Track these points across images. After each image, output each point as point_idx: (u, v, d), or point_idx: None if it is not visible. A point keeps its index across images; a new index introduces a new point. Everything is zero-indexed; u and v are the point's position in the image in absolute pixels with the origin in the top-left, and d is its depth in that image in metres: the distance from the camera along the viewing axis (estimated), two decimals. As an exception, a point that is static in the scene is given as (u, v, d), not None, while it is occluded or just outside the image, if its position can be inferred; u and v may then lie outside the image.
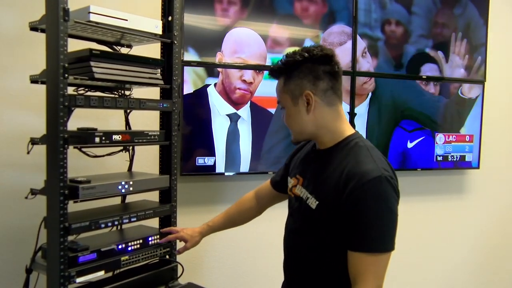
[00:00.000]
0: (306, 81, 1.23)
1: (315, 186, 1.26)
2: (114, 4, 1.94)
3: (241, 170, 2.23)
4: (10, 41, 1.81)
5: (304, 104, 1.24)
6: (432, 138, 2.70)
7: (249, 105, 2.24)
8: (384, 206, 1.14)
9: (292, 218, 1.39)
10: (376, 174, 1.14)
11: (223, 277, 2.35)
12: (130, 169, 1.78)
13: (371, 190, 1.13)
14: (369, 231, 1.14)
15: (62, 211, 1.32)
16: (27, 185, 1.48)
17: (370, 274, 1.14)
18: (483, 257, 3.08)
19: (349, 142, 1.25)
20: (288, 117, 1.29)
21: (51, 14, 1.32)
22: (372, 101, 2.53)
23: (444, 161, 2.75)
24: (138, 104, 1.54)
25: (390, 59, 2.57)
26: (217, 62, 2.17)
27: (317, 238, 1.25)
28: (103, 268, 1.44)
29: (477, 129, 2.82)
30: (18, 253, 1.64)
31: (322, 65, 1.23)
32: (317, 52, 1.23)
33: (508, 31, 2.99)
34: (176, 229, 1.63)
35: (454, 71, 2.74)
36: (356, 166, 1.17)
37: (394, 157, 2.60)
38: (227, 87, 2.19)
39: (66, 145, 1.32)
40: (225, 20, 2.18)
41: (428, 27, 2.65)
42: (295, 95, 1.24)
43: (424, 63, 2.66)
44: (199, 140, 2.16)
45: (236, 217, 1.65)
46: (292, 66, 1.24)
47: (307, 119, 1.25)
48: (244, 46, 2.23)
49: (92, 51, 1.39)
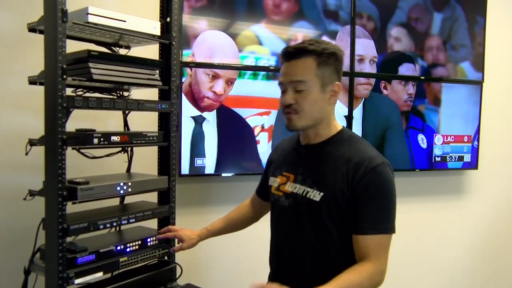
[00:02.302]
0: (337, 73, 1.30)
1: (315, 179, 1.29)
2: (112, 5, 1.94)
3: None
4: (8, 42, 1.80)
5: (330, 93, 1.29)
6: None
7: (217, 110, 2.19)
8: (391, 189, 1.24)
9: (284, 217, 1.38)
10: (381, 160, 1.25)
11: (222, 278, 2.35)
12: (128, 170, 1.78)
13: (380, 175, 1.23)
14: (380, 213, 1.22)
15: (61, 212, 1.32)
16: (26, 186, 1.48)
17: (381, 254, 1.21)
18: (482, 257, 3.08)
19: (344, 135, 1.33)
20: (309, 101, 1.26)
21: (49, 15, 1.32)
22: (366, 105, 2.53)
23: (443, 162, 2.75)
24: (137, 105, 1.54)
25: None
26: (216, 63, 2.17)
27: (321, 229, 1.27)
28: (101, 269, 1.43)
29: (475, 130, 2.83)
30: (16, 255, 1.64)
31: (341, 63, 1.32)
32: (340, 50, 1.31)
33: (506, 32, 3.00)
34: (175, 228, 1.64)
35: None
36: (361, 154, 1.26)
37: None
38: (195, 93, 2.14)
39: (64, 146, 1.32)
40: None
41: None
42: (326, 82, 1.28)
43: (401, 63, 2.63)
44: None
45: (236, 222, 1.66)
46: (329, 54, 1.27)
47: (324, 108, 1.30)
48: (217, 50, 2.18)
49: (90, 52, 1.39)
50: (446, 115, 2.74)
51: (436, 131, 2.72)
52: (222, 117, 2.20)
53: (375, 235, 1.21)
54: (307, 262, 1.31)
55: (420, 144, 2.69)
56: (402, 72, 2.62)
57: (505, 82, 3.01)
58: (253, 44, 2.26)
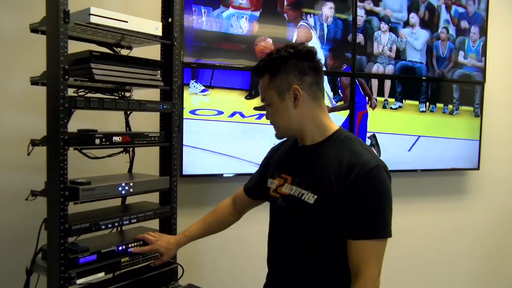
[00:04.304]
0: (292, 76, 1.25)
1: (310, 181, 1.27)
2: (114, 6, 1.95)
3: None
4: (10, 43, 1.81)
5: (291, 99, 1.26)
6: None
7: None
8: (384, 193, 1.20)
9: (281, 219, 1.37)
10: (374, 164, 1.20)
11: (223, 278, 2.35)
12: (130, 171, 1.78)
13: (372, 179, 1.18)
14: (372, 218, 1.18)
15: (63, 213, 1.33)
16: (28, 186, 1.48)
17: (373, 261, 1.18)
18: (483, 258, 3.08)
19: (339, 136, 1.29)
20: (274, 114, 1.30)
21: (52, 16, 1.32)
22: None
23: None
24: (138, 106, 1.54)
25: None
26: (217, 63, 2.17)
27: (315, 233, 1.26)
28: (103, 270, 1.44)
29: (476, 130, 2.82)
30: (18, 255, 1.64)
31: (307, 61, 1.27)
32: (301, 48, 1.27)
33: (508, 32, 3.00)
34: (151, 239, 1.55)
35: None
36: (354, 157, 1.21)
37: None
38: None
39: (66, 146, 1.33)
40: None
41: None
42: (282, 90, 1.26)
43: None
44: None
45: (215, 225, 1.63)
46: (278, 62, 1.26)
47: (294, 114, 1.27)
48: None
49: (92, 52, 1.39)
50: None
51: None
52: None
53: (367, 240, 1.18)
54: (302, 264, 1.30)
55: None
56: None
57: (507, 82, 3.01)
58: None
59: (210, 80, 2.17)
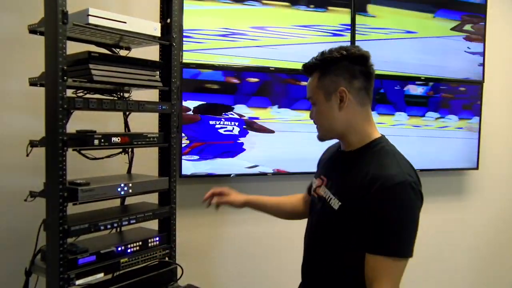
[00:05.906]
0: (342, 78, 1.24)
1: (338, 187, 1.27)
2: (112, 6, 1.94)
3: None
4: (9, 44, 1.81)
5: (337, 101, 1.24)
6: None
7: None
8: (407, 213, 1.16)
9: (313, 219, 1.38)
10: (400, 179, 1.15)
11: (223, 279, 2.35)
12: (129, 171, 1.78)
13: (395, 196, 1.14)
14: (390, 236, 1.15)
15: (62, 213, 1.33)
16: (27, 187, 1.48)
17: (387, 278, 1.15)
18: (482, 258, 3.08)
19: (375, 145, 1.26)
20: (318, 113, 1.29)
21: (50, 17, 1.32)
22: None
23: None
24: (137, 106, 1.54)
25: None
26: (217, 64, 2.17)
27: (337, 239, 1.25)
28: (102, 270, 1.44)
29: (475, 130, 2.82)
30: (17, 256, 1.64)
31: (359, 65, 1.25)
32: (354, 51, 1.24)
33: (506, 32, 3.00)
34: (226, 192, 1.60)
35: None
36: (380, 170, 1.17)
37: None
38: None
39: (65, 147, 1.33)
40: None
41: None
42: (329, 91, 1.25)
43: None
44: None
45: (284, 209, 1.63)
46: (329, 63, 1.25)
47: (338, 116, 1.26)
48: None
49: (91, 53, 1.39)
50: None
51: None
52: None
53: (383, 256, 1.14)
54: (327, 268, 1.29)
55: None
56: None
57: (506, 81, 3.01)
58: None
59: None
